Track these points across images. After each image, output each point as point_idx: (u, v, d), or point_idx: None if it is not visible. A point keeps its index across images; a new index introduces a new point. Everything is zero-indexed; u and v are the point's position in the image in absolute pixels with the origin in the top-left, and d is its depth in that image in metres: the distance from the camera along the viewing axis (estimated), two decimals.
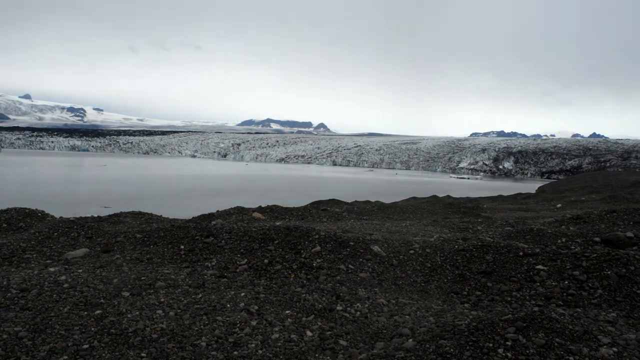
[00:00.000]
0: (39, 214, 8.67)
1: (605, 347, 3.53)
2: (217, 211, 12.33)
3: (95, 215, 9.75)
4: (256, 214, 11.41)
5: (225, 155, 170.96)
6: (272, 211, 12.39)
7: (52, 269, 5.69)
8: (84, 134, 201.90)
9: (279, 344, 3.88)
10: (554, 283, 5.27)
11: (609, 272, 5.21)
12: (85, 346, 3.63)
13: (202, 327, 4.09)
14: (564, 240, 7.41)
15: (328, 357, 3.72)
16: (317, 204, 16.67)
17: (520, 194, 32.97)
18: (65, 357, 3.45)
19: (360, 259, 6.01)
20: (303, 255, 5.92)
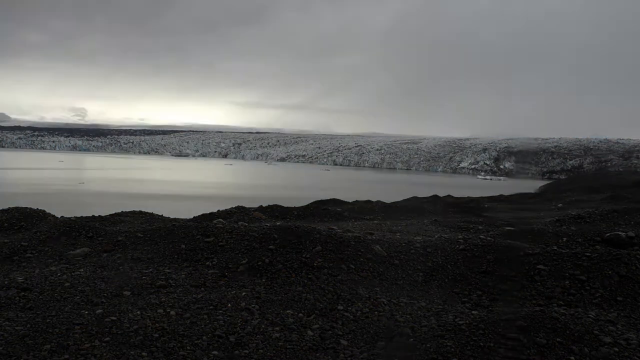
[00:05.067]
0: (40, 214, 8.68)
1: (606, 346, 3.53)
2: (218, 211, 12.34)
3: (97, 215, 9.77)
4: (257, 214, 11.42)
5: (226, 155, 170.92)
6: (273, 211, 12.41)
7: (53, 269, 5.70)
8: (85, 133, 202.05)
9: (280, 343, 3.88)
10: (555, 283, 5.26)
11: (610, 272, 5.21)
12: (87, 345, 3.63)
13: (203, 326, 4.09)
14: (565, 239, 7.40)
15: (329, 357, 3.73)
16: (318, 204, 16.65)
17: (521, 193, 32.94)
18: (67, 357, 3.45)
19: (361, 259, 6.00)
20: (304, 255, 5.92)
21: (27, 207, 8.89)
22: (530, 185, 60.59)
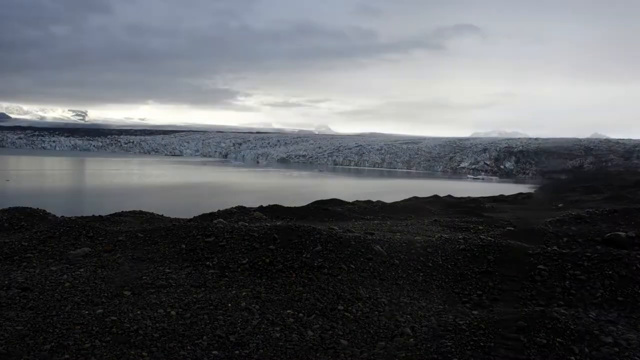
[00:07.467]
0: (41, 214, 8.68)
1: (606, 346, 3.53)
2: (218, 210, 12.33)
3: (97, 215, 9.76)
4: (257, 214, 11.41)
5: (226, 155, 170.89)
6: (274, 211, 12.40)
7: (53, 268, 5.70)
8: (85, 133, 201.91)
9: (280, 343, 3.88)
10: (555, 283, 5.27)
11: (610, 272, 5.21)
12: (87, 345, 3.64)
13: (203, 326, 4.09)
14: (565, 240, 7.40)
15: (329, 357, 3.73)
16: (318, 204, 16.65)
17: (521, 193, 32.88)
18: (67, 356, 3.45)
19: (362, 259, 6.00)
20: (304, 255, 5.92)
21: (27, 207, 8.89)
22: (529, 186, 60.32)
